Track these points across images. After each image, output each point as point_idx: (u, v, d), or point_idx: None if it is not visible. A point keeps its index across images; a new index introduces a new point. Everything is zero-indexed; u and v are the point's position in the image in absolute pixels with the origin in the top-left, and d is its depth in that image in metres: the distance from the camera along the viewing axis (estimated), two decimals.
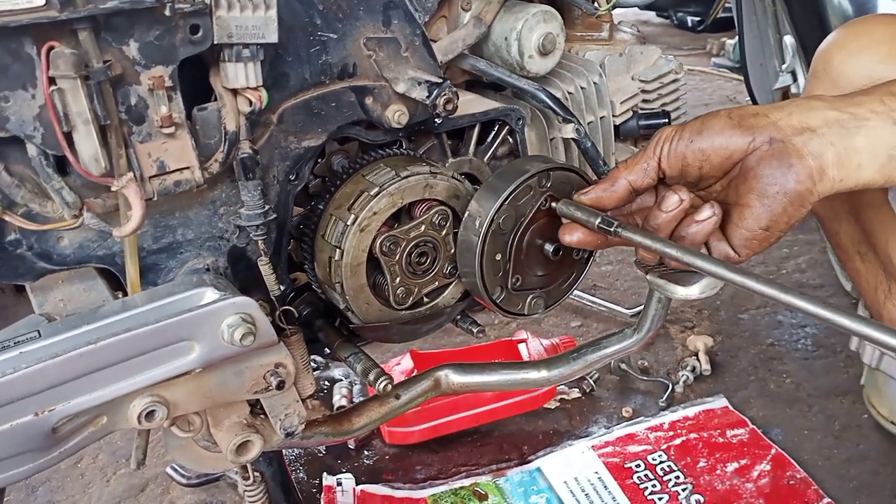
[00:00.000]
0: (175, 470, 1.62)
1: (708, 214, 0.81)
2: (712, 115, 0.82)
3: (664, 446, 1.63)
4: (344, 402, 1.77)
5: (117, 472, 1.69)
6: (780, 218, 0.79)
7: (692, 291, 0.92)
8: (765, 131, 0.78)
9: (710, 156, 0.81)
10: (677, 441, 1.64)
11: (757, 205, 0.79)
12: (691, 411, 1.74)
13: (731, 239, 0.84)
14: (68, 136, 0.72)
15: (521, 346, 1.80)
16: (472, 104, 1.11)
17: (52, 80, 0.70)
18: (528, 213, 1.01)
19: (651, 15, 5.69)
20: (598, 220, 0.87)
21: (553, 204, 0.92)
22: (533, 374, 1.14)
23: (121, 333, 0.75)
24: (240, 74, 0.81)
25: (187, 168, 0.82)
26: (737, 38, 4.27)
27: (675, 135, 0.83)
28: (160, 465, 1.67)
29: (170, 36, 0.75)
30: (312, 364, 1.19)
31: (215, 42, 0.78)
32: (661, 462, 1.59)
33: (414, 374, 1.66)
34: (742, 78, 2.23)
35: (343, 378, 1.90)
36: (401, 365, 1.75)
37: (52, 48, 0.69)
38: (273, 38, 0.80)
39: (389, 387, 0.99)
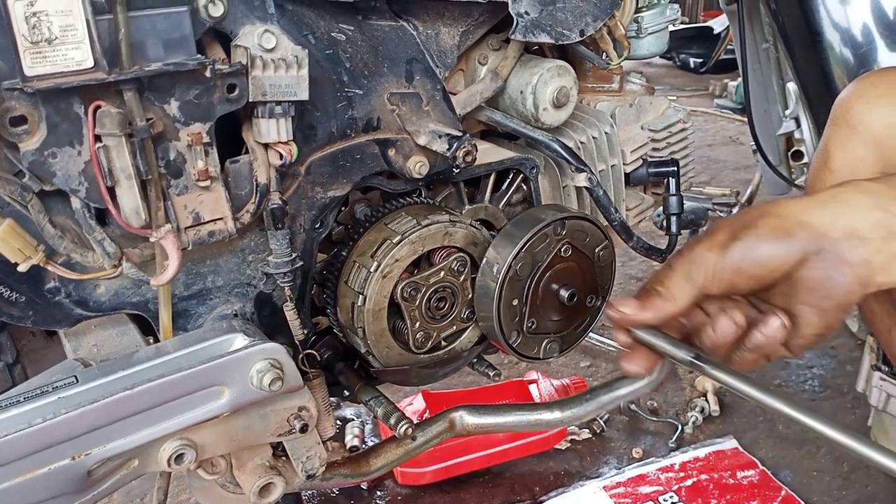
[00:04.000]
0: None
1: (777, 326, 0.78)
2: (753, 234, 0.77)
3: (675, 487, 1.64)
4: (356, 441, 1.79)
5: None
6: (833, 324, 0.78)
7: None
8: (813, 242, 0.75)
9: (761, 278, 0.78)
10: (688, 482, 1.65)
11: (812, 317, 0.77)
12: (701, 452, 1.75)
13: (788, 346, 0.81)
14: (111, 190, 0.76)
15: (532, 387, 1.82)
16: (487, 153, 1.14)
17: (97, 138, 0.74)
18: (544, 259, 1.05)
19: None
20: (693, 356, 0.80)
21: (633, 331, 0.84)
22: (546, 416, 1.16)
23: (156, 379, 0.78)
24: (272, 130, 0.85)
25: (221, 219, 0.85)
26: (739, 79, 4.35)
27: (716, 258, 0.78)
28: None
29: (208, 95, 0.80)
30: None
31: (250, 100, 0.82)
32: (672, 503, 1.60)
33: (426, 415, 1.69)
34: (745, 119, 2.27)
35: (355, 418, 1.91)
36: (413, 405, 1.76)
37: (98, 107, 0.73)
38: (304, 95, 0.85)
39: (410, 430, 1.01)
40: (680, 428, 1.83)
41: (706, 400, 1.92)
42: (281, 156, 0.86)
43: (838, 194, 0.79)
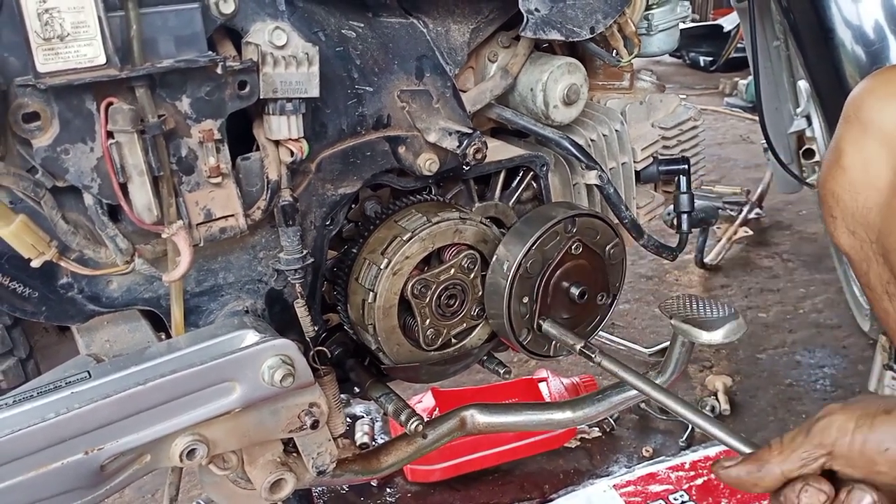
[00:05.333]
0: None
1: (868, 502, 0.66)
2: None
3: (686, 486, 1.64)
4: (366, 438, 1.79)
5: None
6: None
7: (716, 336, 0.94)
8: None
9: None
10: (699, 481, 1.65)
11: None
12: (712, 451, 1.74)
13: None
14: (123, 187, 0.76)
15: (542, 385, 1.82)
16: (497, 151, 1.14)
17: (109, 134, 0.74)
18: (555, 256, 1.04)
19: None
20: None
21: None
22: (558, 415, 1.16)
23: (168, 375, 0.78)
24: (283, 127, 0.85)
25: (232, 215, 0.86)
26: (749, 77, 4.33)
27: (856, 430, 0.66)
28: (185, 502, 1.69)
29: (219, 92, 0.80)
30: None
31: (261, 97, 0.82)
32: (682, 502, 1.59)
33: (436, 413, 1.69)
34: (755, 117, 2.26)
35: (364, 415, 1.92)
36: (422, 403, 1.76)
37: (110, 104, 0.74)
38: (315, 92, 0.85)
39: (421, 427, 1.01)
40: (690, 426, 1.82)
41: (717, 399, 1.91)
42: (292, 153, 0.87)
43: None
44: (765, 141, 2.06)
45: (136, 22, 0.72)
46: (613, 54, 1.20)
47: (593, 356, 0.83)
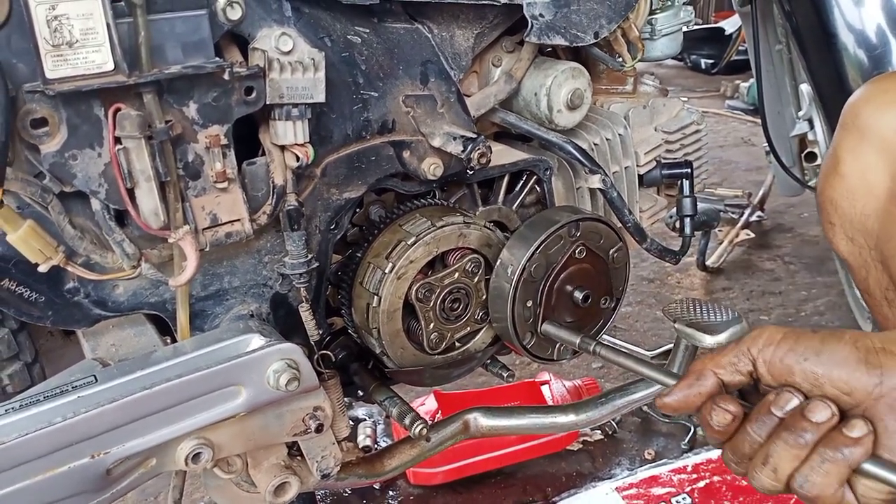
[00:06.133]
0: None
1: (864, 431, 0.64)
2: (834, 338, 0.68)
3: (688, 489, 1.64)
4: (368, 441, 1.79)
5: None
6: None
7: (720, 340, 0.94)
8: (893, 377, 0.65)
9: (823, 384, 0.67)
10: (701, 483, 1.65)
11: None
12: (714, 454, 1.74)
13: (855, 490, 0.67)
14: (130, 192, 0.77)
15: (544, 388, 1.82)
16: (501, 155, 1.15)
17: (117, 140, 0.75)
18: (558, 260, 1.05)
19: None
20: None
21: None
22: (561, 419, 1.17)
23: (174, 379, 0.78)
24: (289, 132, 0.85)
25: (238, 220, 0.86)
26: (751, 80, 4.33)
27: (782, 341, 0.69)
28: None
29: (226, 97, 0.80)
30: None
31: (267, 102, 0.82)
32: None
33: (438, 415, 1.69)
34: (757, 120, 2.27)
35: (367, 418, 1.92)
36: (425, 405, 1.77)
37: (118, 110, 0.74)
38: (321, 97, 0.85)
39: (425, 431, 1.01)
40: (692, 429, 1.83)
41: None
42: (297, 158, 0.87)
43: None
44: (767, 144, 2.07)
45: (144, 28, 0.72)
46: (617, 59, 1.20)
47: (590, 347, 0.84)
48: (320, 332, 1.00)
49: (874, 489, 0.66)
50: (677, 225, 1.32)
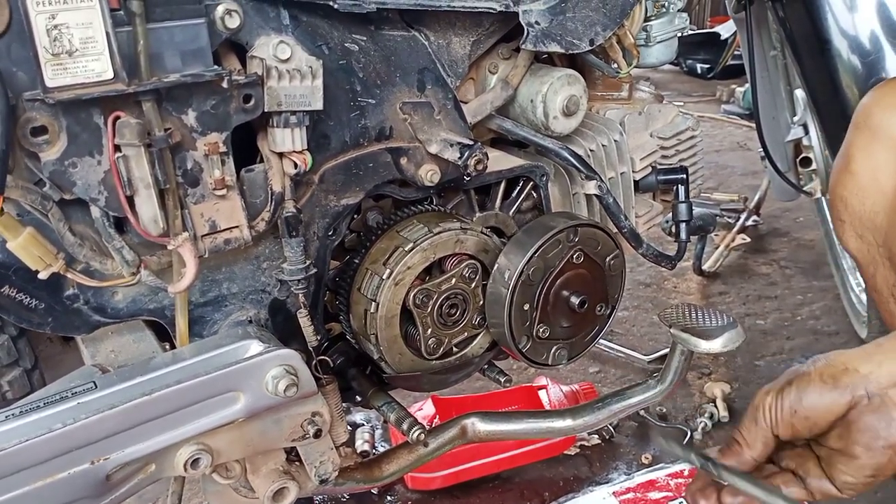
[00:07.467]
0: None
1: None
2: (804, 380, 0.83)
3: (685, 493, 1.64)
4: (366, 446, 1.80)
5: None
6: (887, 467, 0.81)
7: (715, 345, 0.95)
8: (860, 387, 0.80)
9: (817, 421, 0.82)
10: None
11: (864, 456, 0.80)
12: None
13: (835, 480, 0.84)
14: (130, 199, 0.77)
15: (542, 393, 1.83)
16: (498, 161, 1.15)
17: (117, 148, 0.75)
18: (556, 265, 1.06)
19: None
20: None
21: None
22: (558, 423, 1.17)
23: (173, 385, 0.79)
24: (287, 139, 0.86)
25: (236, 227, 0.87)
26: (746, 85, 4.35)
27: (777, 404, 0.84)
28: None
29: (225, 105, 0.81)
30: None
31: (265, 110, 0.83)
32: None
33: (436, 420, 1.69)
34: (752, 125, 2.28)
35: (365, 423, 1.92)
36: (423, 410, 1.77)
37: (117, 118, 0.75)
38: (318, 105, 0.86)
39: (423, 436, 1.02)
40: (689, 434, 1.83)
41: (715, 406, 1.92)
42: (295, 165, 0.88)
43: (882, 344, 0.85)
44: (762, 149, 2.08)
45: (144, 37, 0.73)
46: (612, 66, 1.21)
47: (709, 468, 0.87)
48: (318, 338, 1.00)
49: (851, 475, 0.81)
50: (673, 230, 1.32)
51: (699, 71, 5.73)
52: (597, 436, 1.85)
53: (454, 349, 1.10)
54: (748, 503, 0.86)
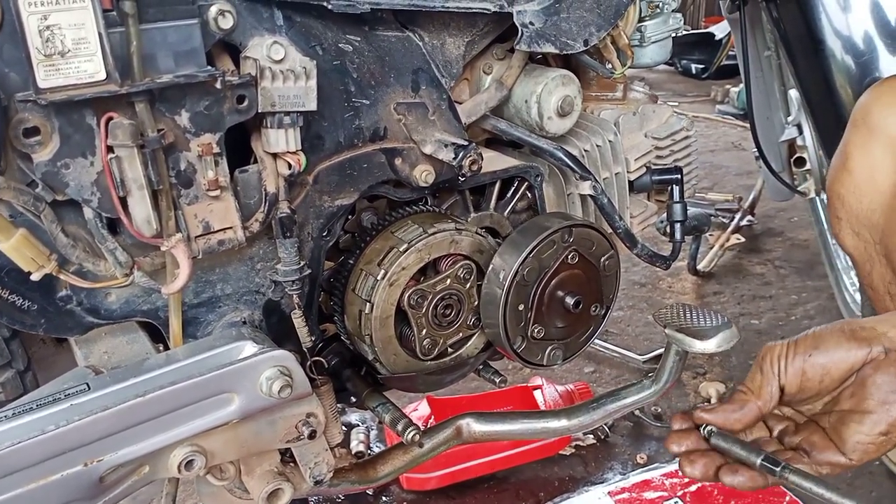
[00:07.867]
0: None
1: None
2: (825, 332, 0.85)
3: (680, 493, 1.64)
4: (361, 447, 1.79)
5: None
6: None
7: (709, 346, 0.95)
8: (879, 342, 0.81)
9: (830, 370, 0.83)
10: (693, 488, 1.65)
11: (878, 410, 0.81)
12: None
13: (845, 444, 0.83)
14: (123, 200, 0.77)
15: (537, 393, 1.83)
16: (492, 161, 1.15)
17: (109, 149, 0.75)
18: (551, 265, 1.06)
19: None
20: (761, 458, 0.81)
21: (710, 440, 0.86)
22: (554, 423, 1.17)
23: (167, 386, 0.79)
24: (280, 140, 0.86)
25: (230, 228, 0.86)
26: (740, 85, 4.36)
27: (788, 352, 0.85)
28: None
29: (218, 106, 0.81)
30: None
31: (259, 111, 0.83)
32: None
33: (431, 421, 1.69)
34: (746, 125, 2.29)
35: (360, 424, 1.92)
36: (418, 411, 1.77)
37: (110, 119, 0.74)
38: (312, 105, 0.86)
39: (418, 437, 1.02)
40: None
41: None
42: (289, 165, 0.87)
43: None
44: (756, 150, 2.08)
45: (136, 38, 0.72)
46: (607, 66, 1.21)
47: (776, 470, 0.81)
48: (313, 339, 1.00)
49: (864, 432, 0.81)
50: (668, 230, 1.32)
51: (694, 71, 5.74)
52: (592, 436, 1.85)
53: (449, 350, 1.10)
54: (751, 476, 0.83)
